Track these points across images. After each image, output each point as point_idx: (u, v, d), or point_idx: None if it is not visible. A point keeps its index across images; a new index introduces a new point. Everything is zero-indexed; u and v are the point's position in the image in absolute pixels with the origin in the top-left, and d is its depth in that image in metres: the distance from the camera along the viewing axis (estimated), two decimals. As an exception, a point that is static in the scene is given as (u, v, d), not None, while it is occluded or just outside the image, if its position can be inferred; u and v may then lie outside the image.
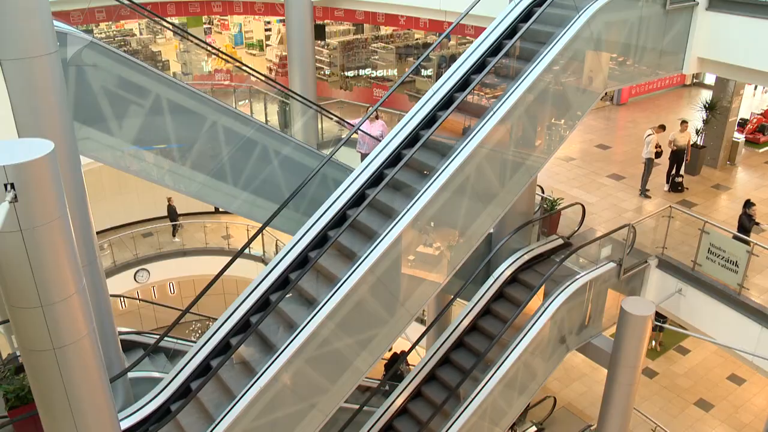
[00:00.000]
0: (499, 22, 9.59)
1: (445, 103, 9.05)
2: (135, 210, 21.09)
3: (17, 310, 4.68)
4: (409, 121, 9.02)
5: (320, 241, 8.43)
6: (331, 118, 14.04)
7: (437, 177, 7.86)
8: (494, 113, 8.18)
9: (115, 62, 8.14)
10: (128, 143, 8.65)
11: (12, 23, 6.03)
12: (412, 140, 8.85)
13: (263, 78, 11.82)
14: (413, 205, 7.72)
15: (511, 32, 9.46)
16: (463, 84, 9.16)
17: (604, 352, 11.23)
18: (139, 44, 28.45)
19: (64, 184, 4.61)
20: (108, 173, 14.58)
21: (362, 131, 12.43)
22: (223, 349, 8.02)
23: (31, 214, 4.34)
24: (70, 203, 4.90)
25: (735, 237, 11.12)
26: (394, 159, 8.75)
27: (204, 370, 7.93)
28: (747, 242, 10.75)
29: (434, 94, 9.16)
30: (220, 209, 18.96)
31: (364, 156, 12.61)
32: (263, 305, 8.18)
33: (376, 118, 12.68)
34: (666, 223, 11.92)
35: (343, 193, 8.65)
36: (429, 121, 8.96)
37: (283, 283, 8.27)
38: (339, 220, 8.51)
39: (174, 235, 19.97)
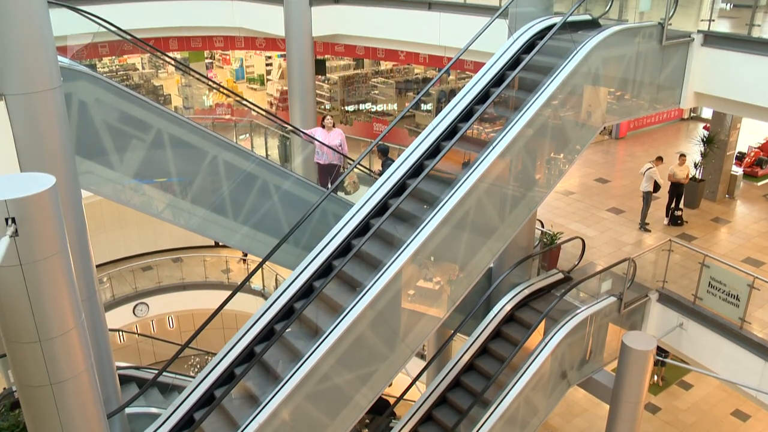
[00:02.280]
0: (497, 59, 9.71)
1: (449, 134, 9.13)
2: (135, 244, 21.08)
3: (15, 344, 4.66)
4: (412, 152, 9.10)
5: (325, 270, 8.45)
6: (286, 128, 14.20)
7: (438, 211, 7.87)
8: (493, 148, 8.23)
9: (117, 96, 8.21)
10: (129, 177, 8.69)
11: (17, 58, 6.10)
12: (415, 171, 8.91)
13: (263, 112, 11.92)
14: (414, 238, 7.72)
15: (510, 67, 9.57)
16: (465, 116, 9.23)
17: (605, 388, 11.13)
18: (141, 78, 28.71)
19: (64, 218, 4.62)
20: (108, 206, 14.63)
21: (318, 141, 12.43)
22: (227, 379, 7.96)
23: (32, 248, 4.35)
24: (70, 237, 4.91)
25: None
26: (398, 189, 8.83)
27: (208, 400, 7.86)
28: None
29: (437, 126, 9.25)
30: (220, 243, 18.95)
31: (322, 167, 12.56)
32: (268, 335, 8.15)
33: (333, 126, 12.66)
34: (666, 256, 11.90)
35: (347, 222, 8.69)
36: (433, 151, 9.03)
37: (287, 313, 8.25)
38: (344, 249, 8.53)
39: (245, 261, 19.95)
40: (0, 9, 5.92)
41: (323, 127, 12.63)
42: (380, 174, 11.72)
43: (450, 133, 9.13)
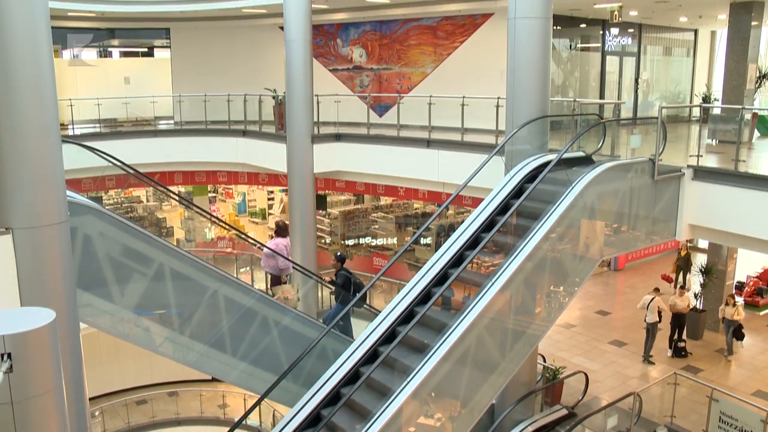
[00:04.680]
0: (495, 195, 9.92)
1: (453, 264, 9.17)
2: (130, 376, 20.61)
3: (-4, 488, 4.46)
4: (417, 282, 9.11)
5: (333, 398, 8.28)
6: (243, 237, 14.42)
7: (440, 346, 7.76)
8: (493, 283, 8.24)
9: (122, 231, 8.34)
10: (128, 310, 8.66)
11: (27, 194, 6.25)
12: (422, 300, 8.90)
13: (261, 245, 12.09)
14: (417, 373, 7.57)
15: (508, 203, 9.77)
16: (472, 243, 9.33)
17: None
18: (145, 211, 29.22)
19: (61, 353, 4.56)
20: (105, 338, 14.45)
21: (270, 249, 12.54)
22: None
23: (25, 385, 4.25)
24: (65, 372, 4.82)
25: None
26: (406, 317, 8.79)
27: None
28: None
29: (439, 259, 9.31)
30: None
31: (273, 277, 12.61)
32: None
33: (287, 234, 12.86)
34: (672, 390, 11.65)
35: (355, 350, 8.58)
36: (440, 280, 9.05)
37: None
38: (352, 377, 8.38)
39: None
40: (16, 146, 6.14)
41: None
42: (331, 282, 11.83)
43: (455, 263, 9.19)
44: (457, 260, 9.26)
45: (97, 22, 22.03)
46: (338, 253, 12.34)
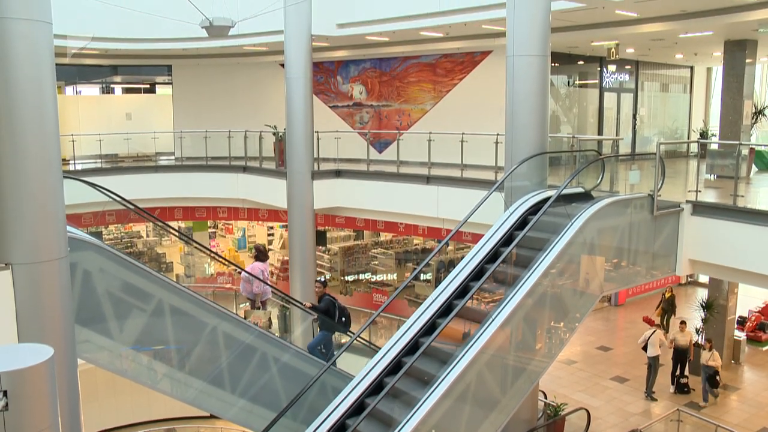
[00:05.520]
0: (494, 232, 9.92)
1: (446, 309, 9.09)
2: (127, 412, 20.36)
3: None
4: (409, 328, 8.98)
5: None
6: (223, 262, 14.54)
7: (437, 386, 7.67)
8: (493, 320, 8.17)
9: (121, 267, 8.33)
10: (127, 346, 8.61)
11: (27, 229, 6.25)
12: (411, 348, 8.77)
13: (261, 280, 12.06)
14: (414, 413, 7.47)
15: (507, 240, 9.76)
16: (462, 291, 9.27)
17: None
18: (145, 246, 29.19)
19: (58, 390, 4.51)
20: (103, 373, 14.34)
21: (247, 272, 12.74)
22: None
23: (21, 423, 4.20)
24: (61, 409, 4.78)
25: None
26: (394, 367, 8.62)
27: None
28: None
29: (435, 299, 9.23)
30: (215, 414, 18.34)
31: (252, 302, 12.84)
32: None
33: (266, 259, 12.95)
34: (675, 427, 11.52)
35: (342, 401, 8.40)
36: (429, 327, 8.95)
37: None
38: (339, 428, 8.21)
39: None
40: (17, 181, 6.16)
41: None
42: (313, 308, 11.77)
43: (447, 308, 9.09)
44: (462, 292, 9.21)
45: (100, 59, 22.31)
46: (320, 278, 12.29)
